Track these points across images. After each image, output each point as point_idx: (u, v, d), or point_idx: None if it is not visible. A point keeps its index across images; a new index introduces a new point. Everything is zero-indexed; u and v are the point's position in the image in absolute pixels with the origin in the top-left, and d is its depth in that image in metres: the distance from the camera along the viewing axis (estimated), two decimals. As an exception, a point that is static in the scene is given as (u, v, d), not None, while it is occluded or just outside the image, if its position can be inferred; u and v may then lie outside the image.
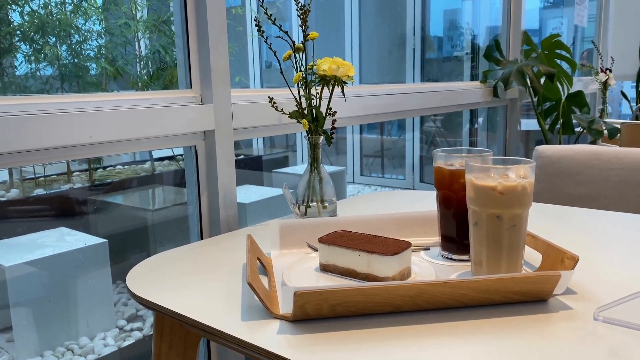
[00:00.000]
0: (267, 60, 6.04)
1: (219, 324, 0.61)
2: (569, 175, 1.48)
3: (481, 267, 0.68)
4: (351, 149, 5.24)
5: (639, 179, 1.40)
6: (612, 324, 0.57)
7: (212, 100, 1.04)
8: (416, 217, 0.89)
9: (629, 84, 4.32)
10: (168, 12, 2.89)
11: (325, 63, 0.95)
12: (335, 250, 0.72)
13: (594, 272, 0.73)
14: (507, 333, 0.56)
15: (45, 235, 2.12)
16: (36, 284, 1.87)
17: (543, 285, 0.61)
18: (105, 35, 2.73)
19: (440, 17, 4.94)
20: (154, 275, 0.77)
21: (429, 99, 1.81)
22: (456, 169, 0.77)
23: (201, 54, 1.04)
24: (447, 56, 4.93)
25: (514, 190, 0.64)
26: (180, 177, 2.94)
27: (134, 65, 2.89)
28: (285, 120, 1.14)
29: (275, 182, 3.84)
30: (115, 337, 2.04)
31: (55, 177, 2.80)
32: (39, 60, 2.45)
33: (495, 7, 4.43)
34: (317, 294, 0.58)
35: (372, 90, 1.55)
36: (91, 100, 0.89)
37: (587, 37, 4.30)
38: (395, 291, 0.60)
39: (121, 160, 3.15)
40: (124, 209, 2.58)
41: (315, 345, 0.55)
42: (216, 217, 1.08)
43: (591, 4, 3.67)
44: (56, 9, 2.55)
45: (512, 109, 2.36)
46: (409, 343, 0.55)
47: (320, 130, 0.97)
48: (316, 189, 0.98)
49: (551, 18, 5.39)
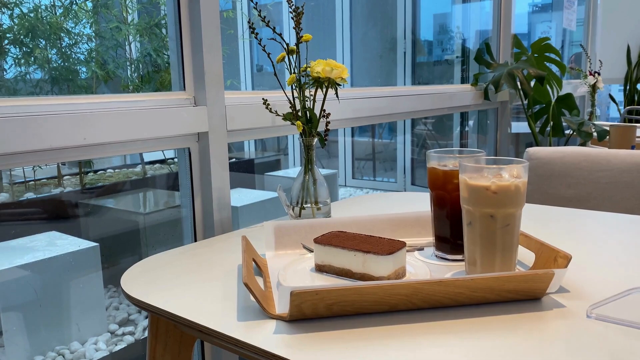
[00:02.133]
0: (258, 63, 6.04)
1: (216, 325, 0.61)
2: (559, 177, 1.49)
3: (475, 266, 0.69)
4: (343, 152, 5.26)
5: (628, 180, 1.42)
6: (604, 321, 0.58)
7: (205, 102, 1.04)
8: (410, 218, 0.90)
9: (616, 87, 4.38)
10: (159, 16, 2.88)
11: (319, 65, 0.96)
12: (330, 251, 0.72)
13: (585, 271, 0.74)
14: (502, 331, 0.57)
15: (35, 239, 2.10)
16: (27, 288, 1.85)
17: (537, 284, 0.62)
18: (96, 38, 2.72)
19: (431, 21, 4.97)
20: (149, 277, 0.77)
21: (421, 102, 1.83)
22: (450, 169, 0.77)
23: (195, 55, 1.04)
24: (437, 59, 4.96)
25: (508, 189, 0.65)
26: (173, 180, 2.93)
27: (125, 68, 2.88)
28: (279, 123, 1.15)
29: (267, 185, 3.83)
30: (107, 341, 2.02)
31: (46, 180, 2.78)
32: (29, 63, 2.44)
33: (485, 11, 4.47)
34: (314, 293, 0.58)
35: (364, 93, 1.56)
36: (85, 102, 0.89)
37: (575, 41, 4.35)
38: (391, 290, 0.60)
39: (112, 164, 3.13)
40: (116, 213, 2.57)
41: (312, 344, 0.56)
42: (210, 220, 1.08)
43: (579, 8, 3.72)
44: (46, 12, 2.54)
45: (502, 112, 2.38)
46: (404, 341, 0.56)
47: (314, 132, 0.98)
48: (310, 191, 0.98)
49: (540, 22, 5.45)
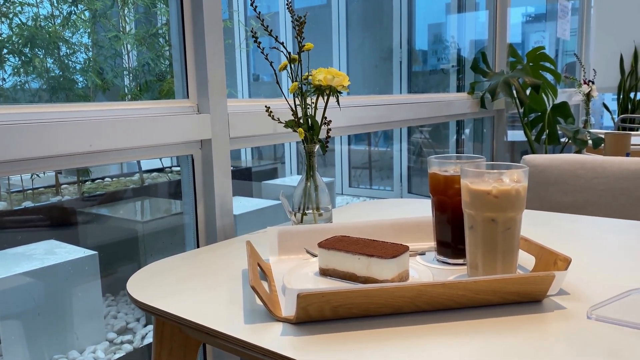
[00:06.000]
0: (255, 72, 6.07)
1: (223, 327, 0.62)
2: (555, 184, 1.51)
3: (477, 269, 0.70)
4: (339, 161, 5.28)
5: (624, 187, 1.44)
6: (604, 322, 0.60)
7: (209, 109, 1.06)
8: (411, 223, 0.91)
9: (609, 96, 4.43)
10: (157, 25, 2.90)
11: (320, 73, 0.97)
12: (335, 255, 0.73)
13: (584, 274, 0.75)
14: (504, 332, 0.58)
15: (34, 247, 2.10)
16: (25, 297, 1.85)
17: (538, 286, 0.63)
18: (95, 47, 2.73)
19: (425, 30, 5.02)
20: (155, 282, 0.78)
21: (419, 110, 1.85)
22: (450, 174, 0.79)
23: (198, 63, 1.05)
24: (433, 69, 5.00)
25: (509, 194, 0.66)
26: (171, 188, 2.94)
27: (123, 77, 2.90)
28: (280, 130, 1.16)
29: (265, 194, 3.84)
30: (106, 350, 2.02)
31: (43, 189, 2.78)
32: (27, 72, 2.45)
33: (479, 20, 4.52)
34: (320, 295, 0.59)
35: (363, 101, 1.58)
36: (90, 110, 0.90)
37: (567, 51, 4.40)
38: (396, 292, 0.61)
39: (110, 173, 3.14)
40: (114, 221, 2.57)
41: (319, 345, 0.57)
42: (213, 226, 1.09)
43: (573, 19, 3.77)
44: (45, 22, 2.55)
45: (499, 120, 2.41)
46: (409, 343, 0.57)
47: (316, 138, 0.99)
48: (312, 197, 0.99)
49: (533, 32, 5.51)
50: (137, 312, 2.28)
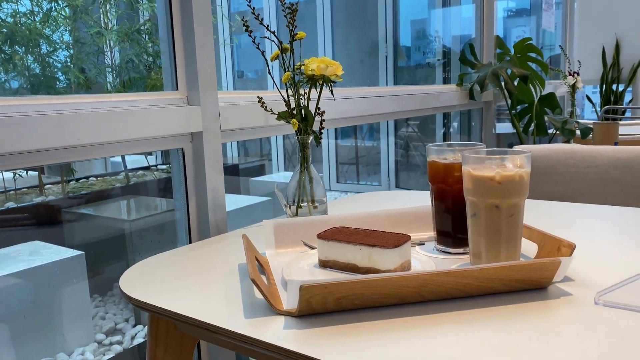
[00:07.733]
0: (239, 69, 6.02)
1: (223, 323, 0.59)
2: (545, 174, 1.51)
3: (480, 258, 0.69)
4: (327, 156, 5.26)
5: (614, 176, 1.44)
6: (612, 307, 0.59)
7: (199, 101, 1.03)
8: (408, 213, 0.90)
9: (589, 88, 4.47)
10: (140, 22, 2.86)
11: (313, 62, 0.95)
12: (334, 246, 0.71)
13: (588, 260, 0.74)
14: (511, 320, 0.57)
15: (18, 249, 2.05)
16: (10, 299, 1.80)
17: (544, 272, 0.62)
18: (77, 44, 2.68)
19: (409, 25, 5.03)
20: (148, 278, 0.75)
21: (409, 102, 1.83)
22: (450, 162, 0.78)
23: (187, 55, 1.03)
24: (419, 63, 5.00)
25: (512, 179, 0.65)
26: (160, 185, 2.89)
27: (106, 75, 2.84)
28: (272, 122, 1.14)
29: (252, 190, 3.81)
30: (94, 351, 1.98)
31: (26, 190, 2.72)
32: (7, 70, 2.39)
33: (462, 15, 4.53)
34: (323, 287, 0.58)
35: (352, 93, 1.56)
36: (78, 102, 0.87)
37: (548, 45, 4.44)
38: (400, 282, 0.60)
39: (94, 172, 3.09)
40: (100, 220, 2.53)
41: (323, 338, 0.55)
42: (205, 221, 1.06)
43: (557, 12, 3.79)
44: (25, 19, 2.49)
45: (487, 112, 2.41)
46: (415, 333, 0.55)
47: (309, 129, 0.97)
48: (307, 189, 0.98)
49: (515, 27, 5.55)
50: (125, 312, 2.24)
